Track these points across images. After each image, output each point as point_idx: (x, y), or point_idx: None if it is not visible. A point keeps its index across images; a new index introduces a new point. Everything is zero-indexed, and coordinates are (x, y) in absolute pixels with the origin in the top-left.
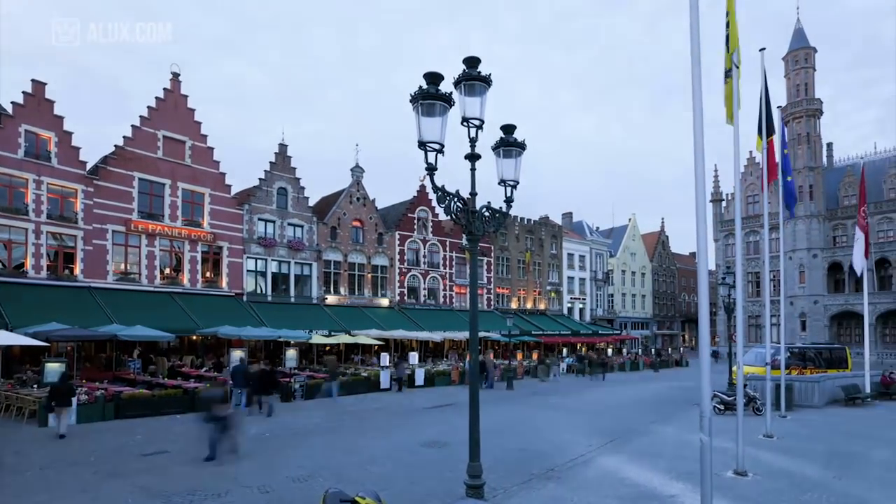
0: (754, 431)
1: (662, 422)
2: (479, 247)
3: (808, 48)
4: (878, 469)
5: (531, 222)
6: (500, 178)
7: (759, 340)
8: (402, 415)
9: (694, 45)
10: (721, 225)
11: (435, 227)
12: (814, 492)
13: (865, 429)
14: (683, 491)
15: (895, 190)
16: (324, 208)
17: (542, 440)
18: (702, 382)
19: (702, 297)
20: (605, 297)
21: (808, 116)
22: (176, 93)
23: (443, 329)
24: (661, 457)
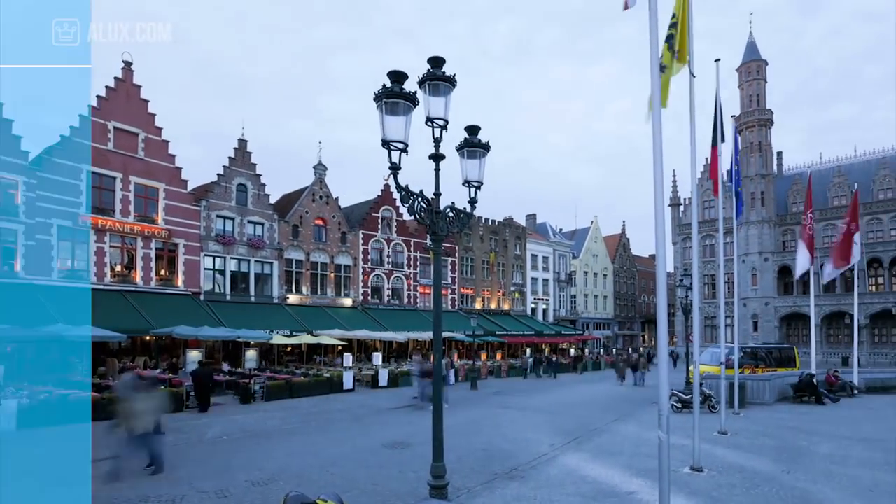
0: (710, 428)
1: (622, 420)
2: (444, 247)
3: (760, 61)
4: (822, 462)
5: (495, 223)
6: (464, 179)
7: (715, 340)
8: (366, 416)
9: (653, 51)
10: (679, 228)
11: (399, 227)
12: (764, 486)
13: (811, 424)
14: (642, 487)
15: (838, 198)
16: (285, 206)
17: (506, 439)
18: (660, 382)
19: (660, 298)
20: (568, 298)
21: (759, 126)
22: (128, 83)
23: (407, 329)
24: (622, 454)
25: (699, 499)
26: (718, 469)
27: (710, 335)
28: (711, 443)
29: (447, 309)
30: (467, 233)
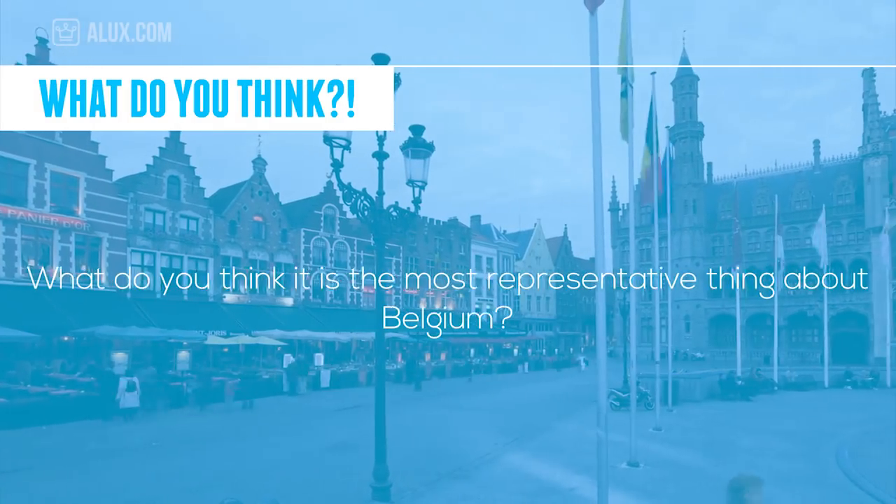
0: (646, 425)
1: (564, 419)
2: (389, 247)
3: (692, 76)
4: (746, 454)
5: (440, 224)
6: (408, 179)
7: (651, 341)
8: (308, 418)
9: (593, 58)
10: (618, 233)
11: (342, 225)
12: (694, 478)
13: (736, 419)
14: (582, 483)
15: (761, 208)
16: (222, 201)
17: (451, 440)
18: (598, 381)
19: (599, 300)
20: (511, 299)
21: (691, 137)
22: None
23: (350, 329)
24: (563, 452)
25: (635, 492)
26: (653, 463)
27: (646, 335)
28: (647, 439)
29: (391, 309)
30: (412, 233)
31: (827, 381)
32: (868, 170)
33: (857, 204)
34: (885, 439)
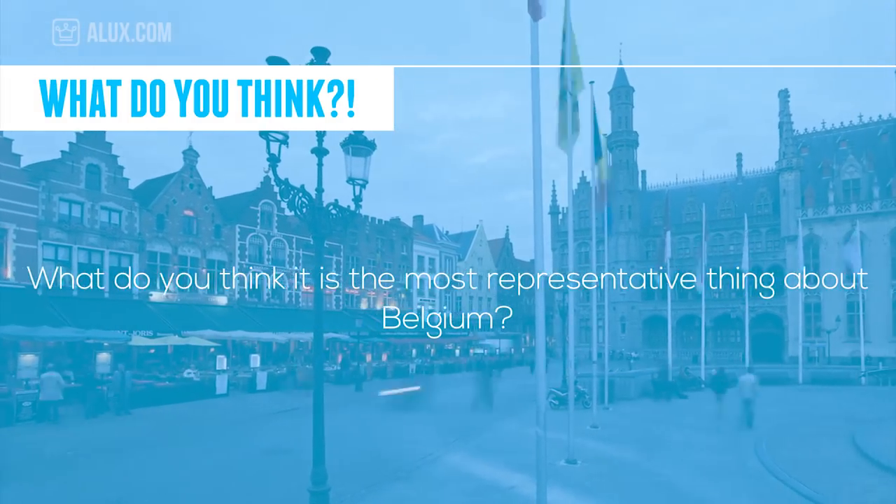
0: (583, 423)
1: (504, 418)
2: (329, 245)
3: (628, 87)
4: (676, 449)
5: (382, 223)
6: (348, 177)
7: (588, 341)
8: (242, 422)
9: (534, 61)
10: (557, 236)
11: (280, 222)
12: (629, 472)
13: (667, 416)
14: (522, 481)
15: (690, 215)
16: (149, 194)
17: (391, 441)
18: (537, 381)
19: (538, 301)
20: (453, 300)
21: (627, 146)
22: None
23: (288, 330)
24: (503, 451)
25: (572, 489)
26: (590, 460)
27: (584, 336)
28: (584, 436)
29: (331, 309)
30: (353, 232)
31: None
32: (783, 183)
33: (774, 214)
34: (798, 432)
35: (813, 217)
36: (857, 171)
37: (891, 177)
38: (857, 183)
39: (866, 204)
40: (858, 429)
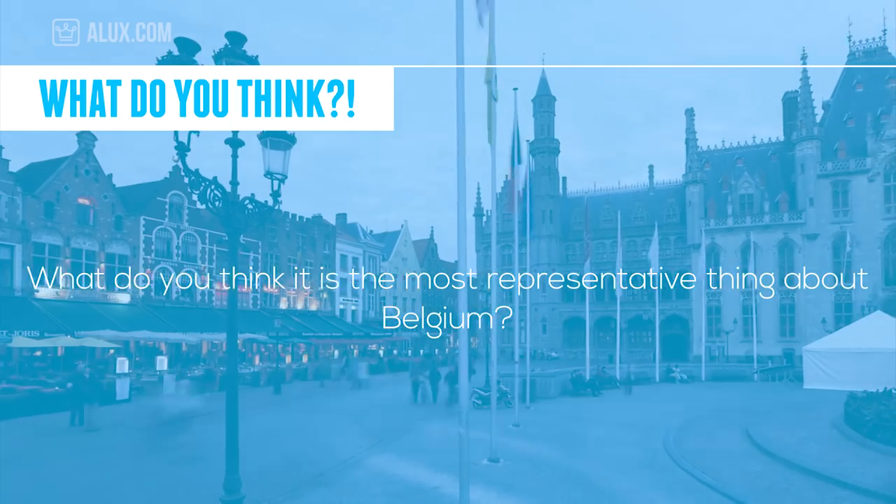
0: (506, 422)
1: (428, 419)
2: (246, 241)
3: (550, 96)
4: (594, 445)
5: (304, 220)
6: (266, 170)
7: (510, 341)
8: (146, 429)
9: (459, 60)
10: (482, 238)
11: (192, 216)
12: (549, 469)
13: (586, 413)
14: (445, 481)
15: (607, 221)
16: (36, 178)
17: (311, 445)
18: (460, 381)
19: (462, 302)
20: (377, 300)
21: (549, 153)
22: None
23: (200, 330)
24: (427, 452)
25: (495, 487)
26: (512, 458)
27: (506, 336)
28: (507, 435)
29: (248, 308)
30: (272, 228)
31: (658, 377)
32: (689, 195)
33: (681, 223)
34: (701, 425)
35: (714, 227)
36: (751, 187)
37: (778, 193)
38: (751, 198)
39: (759, 217)
40: (751, 421)
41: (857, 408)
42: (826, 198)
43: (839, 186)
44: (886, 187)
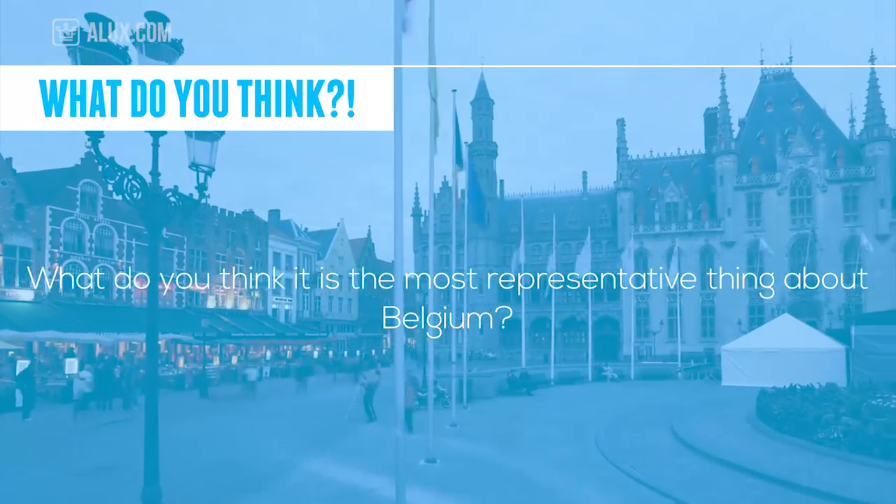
0: (443, 422)
1: (365, 421)
2: (169, 236)
3: (489, 99)
4: (529, 443)
5: (234, 215)
6: (191, 162)
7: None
8: (54, 438)
9: (397, 59)
10: (420, 238)
11: (108, 207)
12: (486, 468)
13: (521, 412)
14: (382, 484)
15: (543, 224)
16: None
17: (241, 450)
18: (396, 383)
19: (398, 303)
20: (312, 300)
21: (487, 155)
22: None
23: (116, 330)
24: (363, 454)
25: (432, 487)
26: (449, 458)
27: (444, 337)
28: (444, 435)
29: (172, 307)
30: (199, 223)
31: (590, 376)
32: (620, 201)
33: (612, 228)
34: (630, 421)
35: (643, 233)
36: (676, 196)
37: (700, 202)
38: (676, 206)
39: (683, 224)
40: (675, 417)
41: (767, 403)
42: (742, 208)
43: (753, 198)
44: (793, 200)
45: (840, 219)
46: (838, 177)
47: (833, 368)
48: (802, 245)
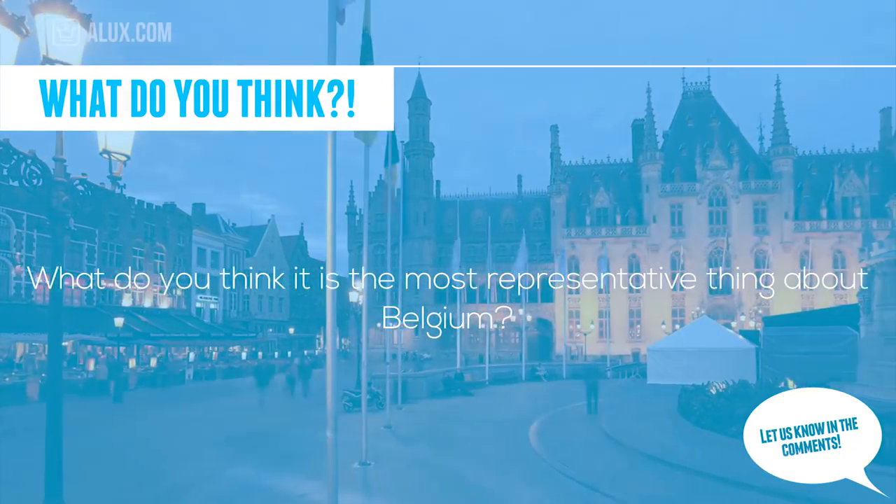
0: (378, 423)
1: (297, 424)
2: (78, 228)
3: (426, 99)
4: (465, 443)
5: (154, 208)
6: (102, 148)
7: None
8: None
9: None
10: (354, 237)
11: (4, 194)
12: (421, 469)
13: (457, 413)
14: (313, 488)
15: (479, 225)
16: None
17: (163, 458)
18: (327, 384)
19: (329, 303)
20: (240, 298)
21: (423, 155)
22: None
23: (13, 330)
24: (294, 458)
25: (365, 491)
26: (384, 460)
27: (379, 338)
28: (379, 437)
29: (83, 305)
30: (113, 215)
31: (524, 376)
32: (553, 205)
33: (546, 231)
34: (563, 420)
35: (575, 236)
36: (606, 202)
37: (628, 208)
38: (606, 211)
39: (612, 228)
40: (604, 414)
41: (688, 400)
42: (665, 215)
43: (675, 206)
44: (710, 210)
45: (751, 228)
46: (750, 189)
47: (745, 366)
48: (720, 251)
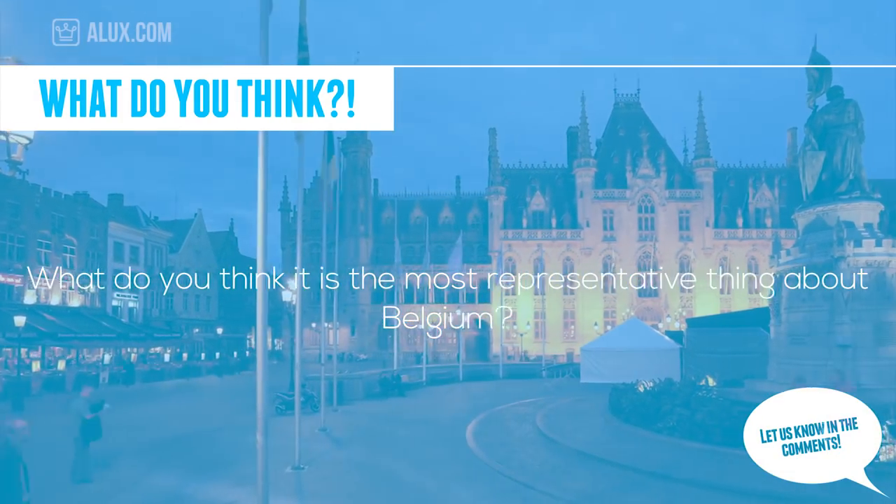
0: (312, 426)
1: (225, 429)
2: None
3: None
4: (402, 444)
5: (62, 197)
6: None
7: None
8: None
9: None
10: (288, 234)
11: None
12: (357, 472)
13: (394, 414)
14: (244, 495)
15: (417, 225)
16: None
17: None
18: (257, 385)
19: (259, 302)
20: (163, 297)
21: (362, 153)
22: None
23: None
24: (222, 464)
25: (299, 496)
26: (319, 464)
27: (313, 339)
28: (313, 440)
29: None
30: (13, 204)
31: (461, 376)
32: (491, 206)
33: (484, 232)
34: (499, 420)
35: (512, 238)
36: (542, 205)
37: (563, 212)
38: (542, 213)
39: (548, 231)
40: (540, 413)
41: (618, 398)
42: (598, 219)
43: (608, 212)
44: (640, 217)
45: (676, 234)
46: (675, 197)
47: (670, 365)
48: (648, 255)
